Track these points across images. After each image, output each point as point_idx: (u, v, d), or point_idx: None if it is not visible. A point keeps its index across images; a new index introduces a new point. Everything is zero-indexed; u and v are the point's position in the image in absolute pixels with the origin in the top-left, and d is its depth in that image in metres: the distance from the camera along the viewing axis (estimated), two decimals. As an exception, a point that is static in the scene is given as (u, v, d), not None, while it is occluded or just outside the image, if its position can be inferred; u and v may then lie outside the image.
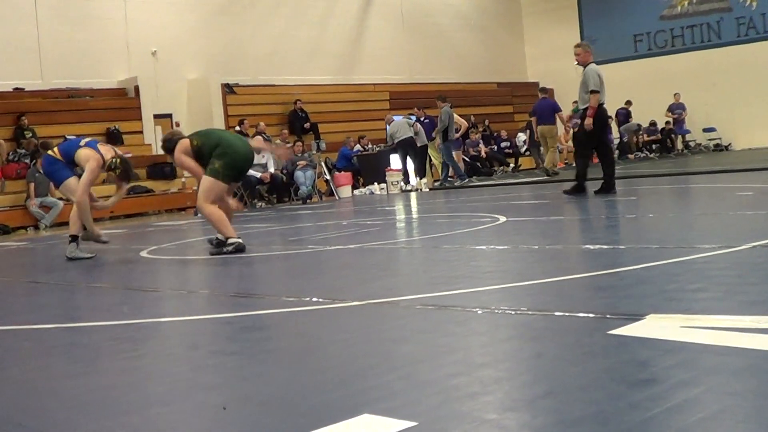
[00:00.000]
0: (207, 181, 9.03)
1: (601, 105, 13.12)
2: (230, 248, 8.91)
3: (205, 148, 9.11)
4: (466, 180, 21.88)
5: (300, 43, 28.42)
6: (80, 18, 23.90)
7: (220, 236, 9.11)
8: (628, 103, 30.17)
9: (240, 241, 8.97)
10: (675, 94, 30.90)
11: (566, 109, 25.63)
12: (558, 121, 23.29)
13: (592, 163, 14.22)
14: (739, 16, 31.36)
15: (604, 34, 33.55)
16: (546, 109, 22.76)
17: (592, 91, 12.99)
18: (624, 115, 30.21)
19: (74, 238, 9.93)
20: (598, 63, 13.83)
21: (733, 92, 30.34)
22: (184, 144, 9.21)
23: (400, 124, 23.19)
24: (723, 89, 30.61)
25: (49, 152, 10.10)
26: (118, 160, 9.80)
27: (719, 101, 30.78)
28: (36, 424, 3.11)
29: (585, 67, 13.32)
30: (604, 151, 13.63)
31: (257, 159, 19.04)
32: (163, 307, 6.06)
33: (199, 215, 18.48)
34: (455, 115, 24.11)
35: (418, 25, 32.34)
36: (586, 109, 13.11)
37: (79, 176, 9.80)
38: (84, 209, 9.75)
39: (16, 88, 23.11)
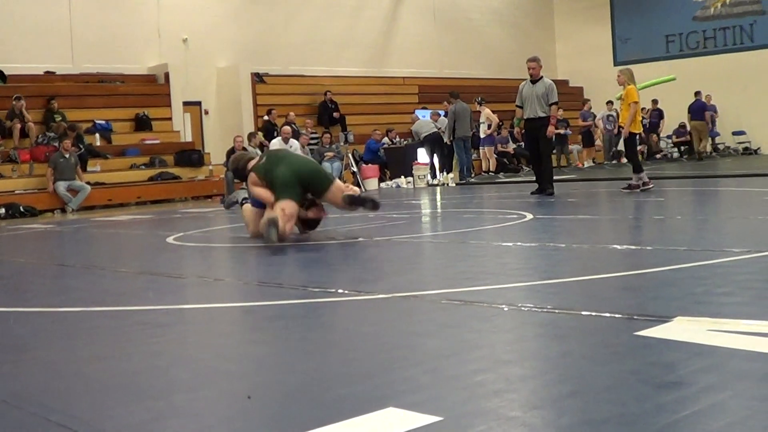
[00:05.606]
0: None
1: (542, 117, 14.37)
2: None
3: (269, 176, 9.16)
4: (464, 181, 21.64)
5: (331, 34, 28.41)
6: (112, 3, 24.02)
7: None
8: (655, 102, 29.97)
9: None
10: (706, 96, 30.63)
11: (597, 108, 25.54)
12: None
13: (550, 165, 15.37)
14: (773, 19, 31.15)
15: (636, 34, 33.36)
16: (698, 108, 27.99)
17: (555, 103, 14.43)
18: (656, 116, 30.10)
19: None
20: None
21: (764, 96, 30.06)
22: (252, 178, 9.31)
23: (424, 122, 23.32)
24: (754, 92, 30.34)
25: None
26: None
27: (750, 104, 30.48)
28: (61, 405, 3.12)
29: (537, 80, 14.50)
30: (538, 158, 14.82)
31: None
32: (188, 293, 6.08)
33: (225, 204, 18.62)
34: (487, 111, 24.10)
35: (450, 19, 32.27)
36: (542, 118, 14.29)
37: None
38: None
39: (47, 72, 23.25)
